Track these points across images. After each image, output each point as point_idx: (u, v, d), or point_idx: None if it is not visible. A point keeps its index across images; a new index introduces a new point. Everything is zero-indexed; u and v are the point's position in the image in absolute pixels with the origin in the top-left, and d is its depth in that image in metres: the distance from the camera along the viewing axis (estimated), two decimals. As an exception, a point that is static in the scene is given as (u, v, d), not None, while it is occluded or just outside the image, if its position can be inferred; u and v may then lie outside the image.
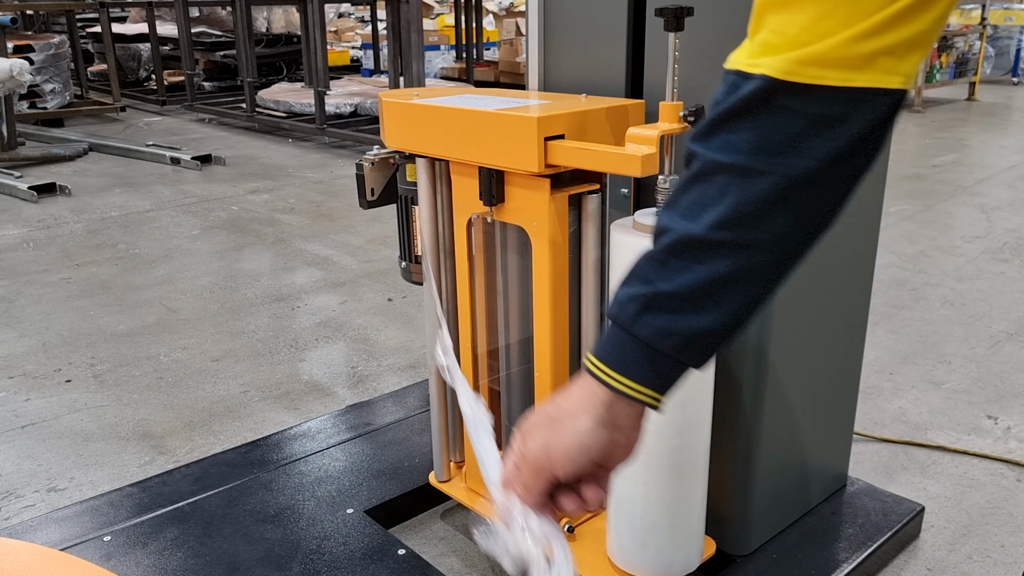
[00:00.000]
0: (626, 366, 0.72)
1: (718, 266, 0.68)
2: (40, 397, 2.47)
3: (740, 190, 0.67)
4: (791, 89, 0.64)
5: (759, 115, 0.66)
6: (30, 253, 3.81)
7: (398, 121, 1.52)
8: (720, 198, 0.67)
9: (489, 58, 9.31)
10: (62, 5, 7.40)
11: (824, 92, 0.63)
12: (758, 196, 0.67)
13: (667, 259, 0.70)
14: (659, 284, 0.70)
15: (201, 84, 8.25)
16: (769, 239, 0.68)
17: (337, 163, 5.68)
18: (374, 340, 2.84)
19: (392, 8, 6.09)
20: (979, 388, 2.45)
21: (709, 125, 0.69)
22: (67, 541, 1.64)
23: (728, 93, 0.68)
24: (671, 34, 1.19)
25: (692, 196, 0.69)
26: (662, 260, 0.70)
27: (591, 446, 0.75)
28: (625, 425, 0.76)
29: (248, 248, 3.86)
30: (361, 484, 1.81)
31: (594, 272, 1.42)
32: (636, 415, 0.76)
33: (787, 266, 0.71)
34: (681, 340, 0.70)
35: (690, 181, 0.70)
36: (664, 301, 0.70)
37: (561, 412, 0.76)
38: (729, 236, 0.68)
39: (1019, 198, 4.55)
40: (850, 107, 0.64)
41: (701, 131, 0.69)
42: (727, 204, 0.67)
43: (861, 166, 0.68)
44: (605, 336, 0.75)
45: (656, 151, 1.19)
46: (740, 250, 0.68)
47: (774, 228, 0.68)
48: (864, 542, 1.61)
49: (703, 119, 0.70)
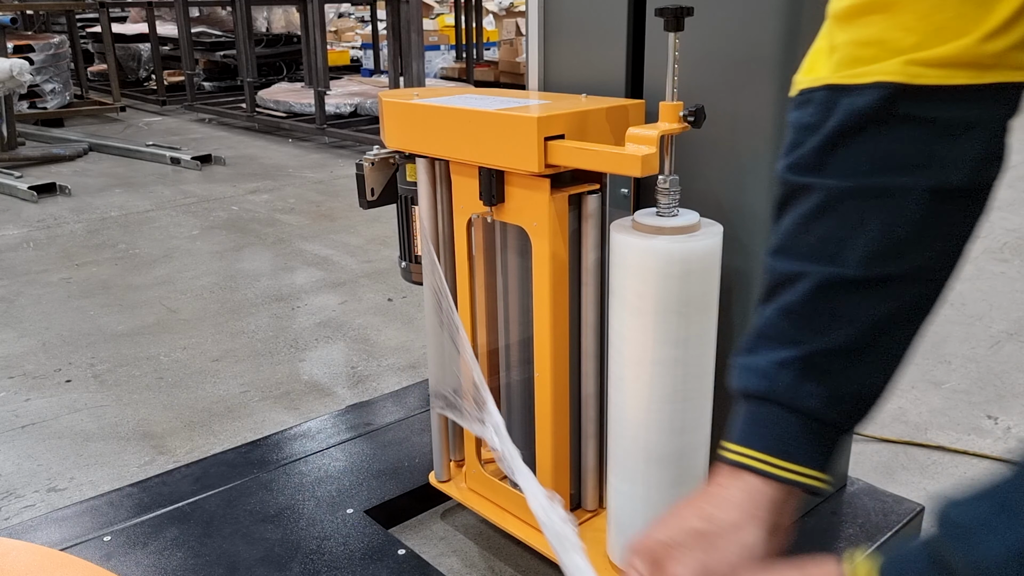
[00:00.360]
0: (793, 450, 0.60)
1: (879, 310, 0.58)
2: (40, 397, 2.47)
3: (885, 215, 0.57)
4: (916, 94, 0.56)
5: (880, 128, 0.57)
6: (30, 253, 3.81)
7: (398, 121, 1.52)
8: (860, 228, 0.58)
9: (489, 58, 9.30)
10: (62, 5, 7.40)
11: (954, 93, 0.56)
12: (908, 218, 0.57)
13: (815, 310, 0.59)
14: (812, 342, 0.59)
15: (201, 84, 8.25)
16: (929, 265, 0.59)
17: (337, 163, 5.68)
18: (374, 340, 2.84)
19: (392, 8, 6.09)
20: (979, 388, 2.45)
21: (816, 152, 0.59)
22: (67, 541, 1.64)
23: (824, 113, 0.59)
24: (671, 34, 1.19)
25: (819, 232, 0.59)
26: (808, 314, 0.59)
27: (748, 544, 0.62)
28: (789, 519, 0.64)
29: (248, 248, 3.86)
30: (361, 484, 1.81)
31: (594, 272, 1.42)
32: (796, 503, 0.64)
33: (942, 292, 0.61)
34: (852, 404, 0.59)
35: (812, 217, 0.59)
36: (823, 361, 0.59)
37: (718, 525, 0.62)
38: (886, 270, 0.58)
39: (1019, 198, 4.55)
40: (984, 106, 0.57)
41: (807, 160, 0.60)
42: (874, 234, 0.58)
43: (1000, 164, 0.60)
44: (749, 418, 0.62)
45: (656, 151, 1.19)
46: (900, 285, 0.58)
47: (933, 251, 0.58)
48: (864, 542, 1.61)
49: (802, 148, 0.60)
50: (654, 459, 1.36)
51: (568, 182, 1.37)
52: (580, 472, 1.58)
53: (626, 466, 1.39)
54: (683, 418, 1.34)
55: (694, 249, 1.23)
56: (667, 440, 1.34)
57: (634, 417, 1.34)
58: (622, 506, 1.43)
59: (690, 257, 1.23)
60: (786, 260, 0.60)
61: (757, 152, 1.31)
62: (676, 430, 1.34)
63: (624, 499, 1.42)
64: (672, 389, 1.30)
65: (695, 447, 1.38)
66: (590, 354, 1.47)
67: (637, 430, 1.35)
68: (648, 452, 1.35)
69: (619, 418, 1.37)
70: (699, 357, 1.32)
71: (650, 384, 1.31)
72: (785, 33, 1.25)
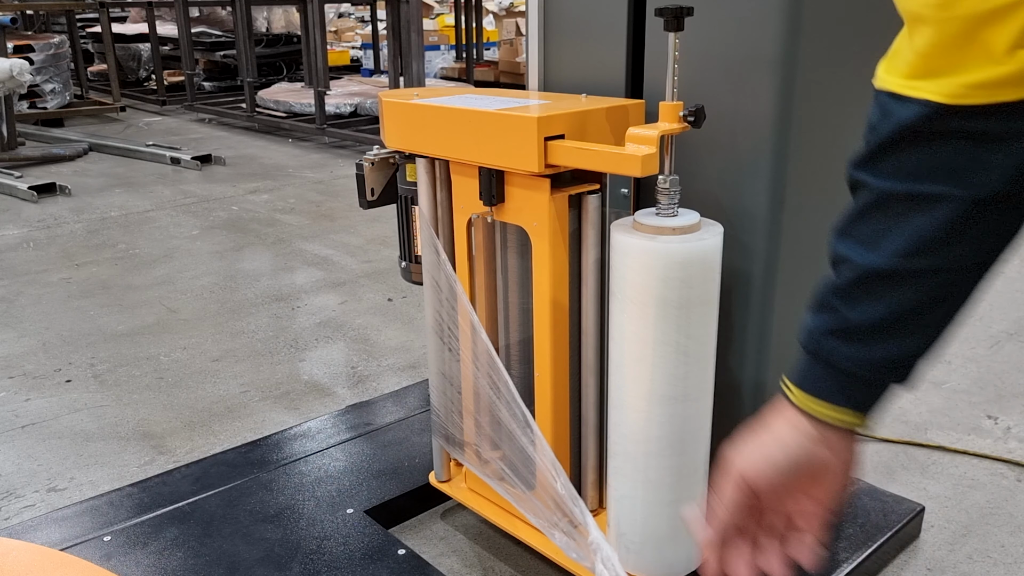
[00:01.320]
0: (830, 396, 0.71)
1: (907, 296, 0.67)
2: (40, 397, 2.47)
3: (921, 217, 0.64)
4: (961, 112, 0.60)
5: (929, 140, 0.62)
6: (30, 253, 3.81)
7: (398, 121, 1.52)
8: (900, 226, 0.65)
9: (489, 58, 9.30)
10: (62, 5, 7.40)
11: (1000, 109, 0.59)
12: (942, 222, 0.64)
13: (853, 291, 0.69)
14: (850, 316, 0.69)
15: (201, 84, 8.25)
16: (958, 263, 0.66)
17: (337, 163, 5.68)
18: (374, 340, 2.84)
19: (392, 8, 6.09)
20: (979, 388, 2.45)
21: (873, 151, 0.66)
22: (67, 541, 1.64)
23: (883, 117, 0.64)
24: (671, 34, 1.19)
25: (870, 225, 0.67)
26: (848, 292, 0.69)
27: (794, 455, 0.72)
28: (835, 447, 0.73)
29: (248, 248, 3.86)
30: (361, 484, 1.81)
31: (594, 272, 1.42)
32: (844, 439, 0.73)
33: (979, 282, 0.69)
34: (881, 365, 0.70)
35: (865, 210, 0.67)
36: (857, 333, 0.69)
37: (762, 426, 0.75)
38: (915, 265, 0.66)
39: (1019, 198, 4.55)
40: None
41: (864, 158, 0.67)
42: (909, 233, 0.65)
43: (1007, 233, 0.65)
44: (802, 365, 0.73)
45: (656, 151, 1.19)
46: (928, 278, 0.66)
47: (963, 251, 0.65)
48: (864, 542, 1.61)
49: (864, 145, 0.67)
50: (654, 459, 1.36)
51: (568, 182, 1.37)
52: (580, 472, 1.58)
53: (626, 466, 1.39)
54: (683, 418, 1.34)
55: (694, 249, 1.23)
56: (667, 440, 1.34)
57: (634, 417, 1.34)
58: (622, 506, 1.43)
59: (690, 257, 1.23)
60: (840, 242, 0.70)
61: (757, 152, 1.31)
62: (676, 430, 1.34)
63: (624, 499, 1.42)
64: (672, 389, 1.30)
65: (695, 447, 1.38)
66: (590, 354, 1.47)
67: (637, 430, 1.35)
68: (648, 452, 1.35)
69: (619, 418, 1.37)
70: (699, 357, 1.32)
71: (650, 384, 1.31)
72: (785, 33, 1.25)
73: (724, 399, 1.47)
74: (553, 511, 1.34)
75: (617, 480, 1.42)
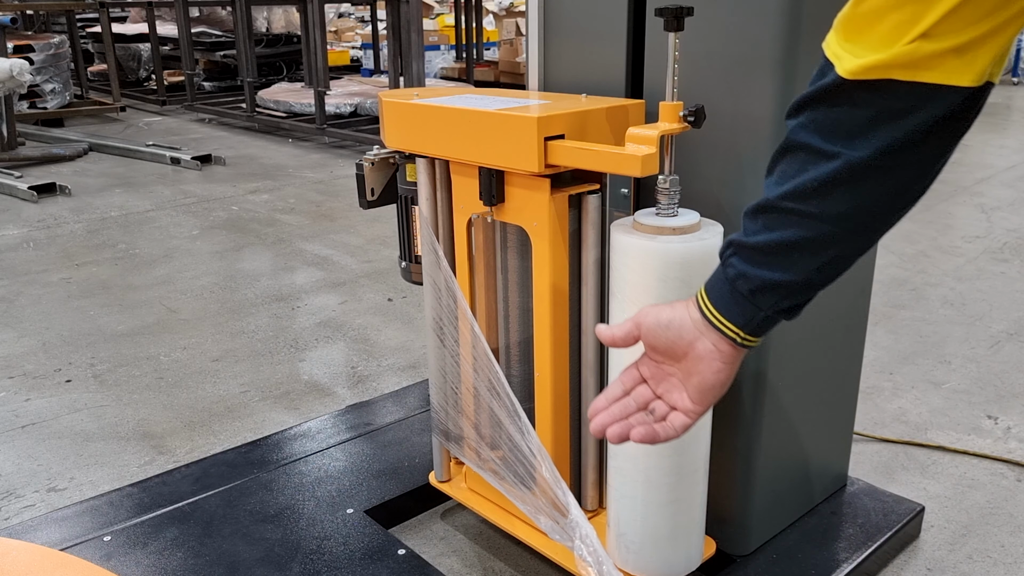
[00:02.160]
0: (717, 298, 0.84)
1: (787, 232, 0.78)
2: (40, 397, 2.47)
3: (813, 168, 0.75)
4: (863, 84, 0.70)
5: (835, 102, 0.72)
6: (30, 253, 3.81)
7: (398, 121, 1.52)
8: (797, 173, 0.76)
9: (489, 58, 9.30)
10: (62, 5, 7.40)
11: (891, 87, 0.69)
12: (825, 176, 0.74)
13: (755, 216, 0.81)
14: (746, 237, 0.82)
15: (201, 84, 8.25)
16: (832, 214, 0.76)
17: (337, 163, 5.68)
18: (374, 340, 2.84)
19: (392, 8, 6.09)
20: (979, 388, 2.45)
21: (800, 102, 0.76)
22: (67, 541, 1.64)
23: (818, 76, 0.75)
24: (671, 34, 1.19)
25: (782, 167, 0.79)
26: (752, 216, 0.81)
27: (676, 326, 0.86)
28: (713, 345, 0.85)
29: (248, 248, 3.86)
30: (361, 484, 1.81)
31: (594, 272, 1.42)
32: (722, 343, 0.85)
33: (855, 241, 0.80)
34: (755, 286, 0.81)
35: (780, 152, 0.79)
36: (746, 251, 0.81)
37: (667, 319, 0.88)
38: (796, 207, 0.77)
39: (1019, 198, 4.55)
40: (915, 101, 0.69)
41: (794, 105, 0.77)
42: (800, 179, 0.76)
43: (929, 156, 0.74)
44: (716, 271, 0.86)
45: (656, 151, 1.19)
46: (806, 221, 0.77)
47: (837, 205, 0.75)
48: (864, 542, 1.61)
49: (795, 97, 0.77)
50: (654, 458, 1.36)
51: (568, 182, 1.37)
52: (580, 472, 1.58)
53: (626, 465, 1.39)
54: (683, 418, 1.33)
55: (694, 249, 1.23)
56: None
57: (634, 417, 1.34)
58: (622, 506, 1.43)
59: (690, 257, 1.23)
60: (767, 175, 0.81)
61: (757, 152, 1.31)
62: (676, 430, 1.34)
63: (624, 499, 1.42)
64: (672, 389, 1.30)
65: (695, 447, 1.38)
66: (590, 354, 1.47)
67: (637, 430, 1.34)
68: (648, 451, 1.35)
69: (619, 418, 1.37)
70: (699, 357, 1.32)
71: (650, 384, 1.30)
72: (785, 33, 1.25)
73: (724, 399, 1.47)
74: (539, 496, 1.35)
75: (617, 480, 1.42)
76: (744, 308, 0.82)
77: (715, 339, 0.85)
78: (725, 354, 0.85)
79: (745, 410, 1.47)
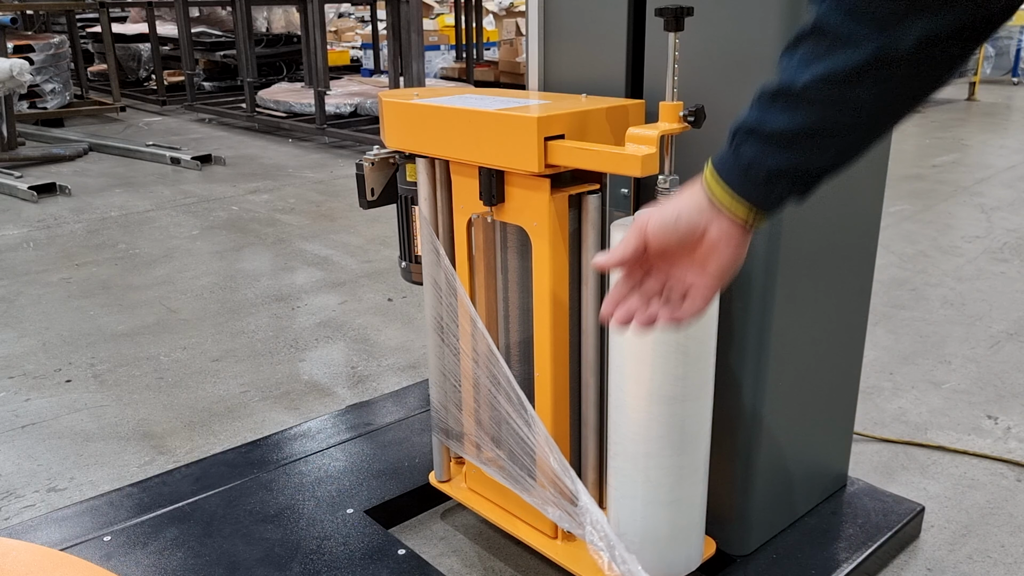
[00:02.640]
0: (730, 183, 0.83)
1: (808, 117, 0.77)
2: (40, 397, 2.47)
3: (840, 54, 0.73)
4: None
5: None
6: (30, 253, 3.81)
7: (398, 121, 1.52)
8: (823, 57, 0.74)
9: (489, 58, 9.30)
10: (62, 5, 7.40)
11: None
12: (854, 63, 0.72)
13: (774, 99, 0.79)
14: (763, 118, 0.80)
15: (201, 84, 8.25)
16: (854, 104, 0.75)
17: (337, 163, 5.68)
18: (374, 340, 2.84)
19: (392, 8, 6.09)
20: (979, 388, 2.45)
21: None
22: (67, 541, 1.64)
23: None
24: (671, 34, 1.19)
25: (804, 49, 0.76)
26: (770, 98, 0.79)
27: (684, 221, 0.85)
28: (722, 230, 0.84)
29: (248, 248, 3.86)
30: (361, 484, 1.81)
31: (594, 272, 1.42)
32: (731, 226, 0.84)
33: (869, 135, 0.79)
34: (772, 172, 0.80)
35: (804, 34, 0.77)
36: (763, 134, 0.80)
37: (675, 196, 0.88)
38: (820, 94, 0.75)
39: (1019, 198, 4.55)
40: None
41: None
42: (826, 65, 0.74)
43: (955, 57, 0.72)
44: (724, 147, 0.84)
45: (656, 151, 1.19)
46: (827, 108, 0.76)
47: (861, 96, 0.74)
48: (864, 542, 1.61)
49: None
50: (654, 459, 1.36)
51: (568, 182, 1.37)
52: (580, 472, 1.58)
53: (626, 465, 1.39)
54: (683, 417, 1.34)
55: (694, 249, 1.23)
56: (667, 440, 1.34)
57: (634, 416, 1.34)
58: (622, 506, 1.43)
59: (690, 257, 1.23)
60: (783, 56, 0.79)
61: (757, 152, 1.31)
62: (676, 430, 1.34)
63: (624, 499, 1.42)
64: (672, 389, 1.30)
65: (695, 447, 1.38)
66: (590, 353, 1.47)
67: (637, 430, 1.35)
68: (648, 452, 1.35)
69: (619, 417, 1.37)
70: (699, 356, 1.32)
71: (650, 384, 1.31)
72: (785, 33, 1.24)
73: (724, 399, 1.47)
74: (547, 487, 1.35)
75: (617, 480, 1.42)
76: (760, 191, 0.82)
77: (728, 222, 0.84)
78: (739, 232, 0.85)
79: (745, 411, 1.47)
